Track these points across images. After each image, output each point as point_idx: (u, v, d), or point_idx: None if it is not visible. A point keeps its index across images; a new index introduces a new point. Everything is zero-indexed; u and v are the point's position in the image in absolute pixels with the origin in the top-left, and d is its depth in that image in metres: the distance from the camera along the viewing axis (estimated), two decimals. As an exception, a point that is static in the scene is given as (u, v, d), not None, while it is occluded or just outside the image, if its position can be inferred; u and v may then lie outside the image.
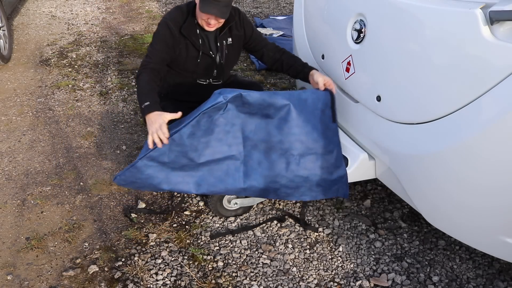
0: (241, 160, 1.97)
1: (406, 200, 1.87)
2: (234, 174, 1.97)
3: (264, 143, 1.97)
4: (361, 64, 1.94)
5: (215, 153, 1.93)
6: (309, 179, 1.97)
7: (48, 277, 1.91)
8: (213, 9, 2.01)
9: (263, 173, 1.97)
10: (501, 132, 1.39)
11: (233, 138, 1.95)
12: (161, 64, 2.16)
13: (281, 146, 1.95)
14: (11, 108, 3.24)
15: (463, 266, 1.99)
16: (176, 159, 1.90)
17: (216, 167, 1.95)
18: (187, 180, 1.95)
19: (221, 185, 1.96)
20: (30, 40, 4.49)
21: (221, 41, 2.23)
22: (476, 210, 1.58)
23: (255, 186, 1.98)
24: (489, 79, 1.41)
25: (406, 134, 1.73)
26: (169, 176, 1.93)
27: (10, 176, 2.52)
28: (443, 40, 1.54)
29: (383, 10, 1.78)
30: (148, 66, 2.12)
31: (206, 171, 1.95)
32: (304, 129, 1.94)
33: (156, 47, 2.15)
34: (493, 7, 1.39)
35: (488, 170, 1.47)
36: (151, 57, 2.15)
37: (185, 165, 1.92)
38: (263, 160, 1.98)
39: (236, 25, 2.24)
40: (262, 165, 1.98)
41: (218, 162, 1.95)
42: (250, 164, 1.98)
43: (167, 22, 2.15)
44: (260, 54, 2.35)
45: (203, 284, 1.89)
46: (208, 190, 1.96)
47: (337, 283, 1.91)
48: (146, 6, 5.71)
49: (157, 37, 2.17)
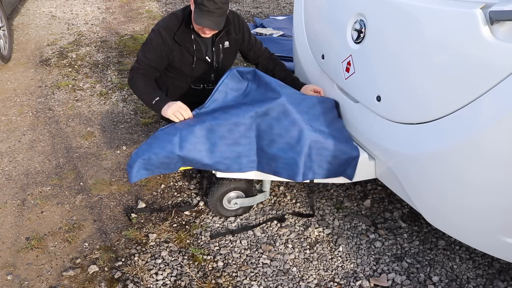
0: (253, 125, 1.95)
1: (406, 200, 1.87)
2: (246, 139, 1.95)
3: (276, 109, 1.94)
4: (361, 64, 1.94)
5: (226, 118, 1.93)
6: (321, 153, 1.93)
7: (48, 277, 1.91)
8: (207, 21, 2.00)
9: (274, 139, 1.93)
10: (501, 132, 1.39)
11: (246, 105, 1.97)
12: (152, 72, 2.17)
13: (294, 115, 1.93)
14: (11, 108, 3.24)
15: (463, 266, 1.99)
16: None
17: (228, 133, 1.93)
18: (199, 148, 1.92)
19: (234, 152, 1.95)
20: (30, 40, 4.49)
21: (218, 45, 2.23)
22: (476, 210, 1.58)
23: (265, 152, 1.96)
24: (489, 79, 1.41)
25: (406, 134, 1.73)
26: (182, 143, 1.90)
27: (10, 176, 2.52)
28: (443, 40, 1.54)
29: (383, 10, 1.78)
30: (139, 71, 2.13)
31: (218, 138, 1.92)
32: (317, 109, 2.01)
33: (148, 56, 2.15)
34: (493, 7, 1.39)
35: (488, 170, 1.47)
36: (140, 64, 2.15)
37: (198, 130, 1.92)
38: (274, 125, 1.93)
39: (234, 28, 2.24)
40: (273, 130, 1.93)
41: (229, 127, 1.92)
42: (262, 129, 1.94)
43: (160, 30, 2.14)
44: (256, 62, 2.44)
45: (203, 284, 1.89)
46: (221, 156, 1.93)
47: (337, 283, 1.91)
48: (146, 6, 5.71)
49: (149, 45, 2.16)
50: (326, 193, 2.44)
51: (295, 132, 1.91)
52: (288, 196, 2.41)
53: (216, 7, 1.98)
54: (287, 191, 2.45)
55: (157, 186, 2.47)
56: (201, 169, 2.01)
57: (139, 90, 2.10)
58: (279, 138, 1.92)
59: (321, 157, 1.94)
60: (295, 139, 1.91)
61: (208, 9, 1.97)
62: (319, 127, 1.95)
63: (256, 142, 1.96)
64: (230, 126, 1.91)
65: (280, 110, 1.92)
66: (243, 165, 1.98)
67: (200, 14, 1.99)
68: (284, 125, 1.92)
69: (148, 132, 2.99)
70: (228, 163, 1.95)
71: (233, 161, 1.96)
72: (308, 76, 2.49)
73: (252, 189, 2.21)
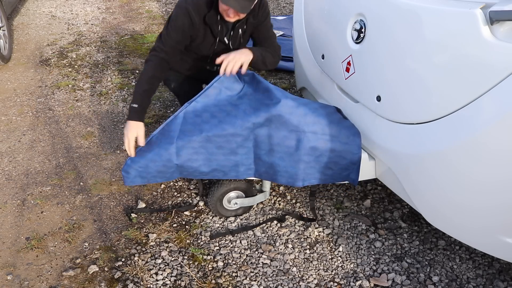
0: (250, 136, 1.92)
1: (406, 200, 1.87)
2: (243, 149, 1.93)
3: (274, 119, 1.91)
4: (361, 64, 1.94)
5: (223, 129, 1.90)
6: (320, 160, 1.92)
7: (48, 277, 1.91)
8: (234, 1, 1.94)
9: (272, 149, 1.92)
10: (501, 132, 1.39)
11: (243, 113, 1.93)
12: (173, 53, 2.12)
13: (292, 122, 1.90)
14: (11, 108, 3.24)
15: (463, 266, 1.99)
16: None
17: (225, 143, 1.91)
18: (196, 157, 1.91)
19: (231, 161, 1.94)
20: (30, 40, 4.49)
21: (237, 30, 2.20)
22: (476, 210, 1.58)
23: (263, 161, 1.95)
24: (489, 79, 1.41)
25: (406, 134, 1.73)
26: (179, 152, 1.89)
27: (10, 176, 2.52)
28: (443, 40, 1.54)
29: (383, 10, 1.78)
30: (159, 54, 2.08)
31: (215, 148, 1.91)
32: (318, 113, 1.95)
33: (172, 35, 2.09)
34: (493, 7, 1.39)
35: (488, 170, 1.47)
36: (164, 44, 2.09)
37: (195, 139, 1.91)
38: (273, 134, 1.91)
39: (253, 13, 2.18)
40: (271, 140, 1.91)
41: (226, 139, 1.90)
42: (259, 139, 1.92)
43: (189, 10, 2.07)
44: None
45: (203, 284, 1.89)
46: (219, 165, 1.93)
47: (337, 283, 1.91)
48: (146, 6, 5.71)
49: (175, 24, 2.09)
50: (326, 193, 2.44)
51: (293, 140, 1.89)
52: (288, 196, 2.41)
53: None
54: (287, 191, 2.45)
55: (157, 186, 2.47)
56: (198, 178, 2.01)
57: (141, 76, 2.05)
58: (277, 147, 1.91)
59: (320, 164, 1.94)
60: (293, 147, 1.90)
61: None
62: (319, 132, 1.91)
63: (254, 152, 1.95)
64: (227, 137, 1.89)
65: (278, 120, 1.89)
66: (240, 173, 1.99)
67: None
68: (282, 134, 1.90)
69: (148, 132, 2.99)
70: (225, 171, 1.96)
71: (231, 169, 1.96)
72: (308, 76, 2.49)
73: (252, 189, 2.21)
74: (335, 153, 1.92)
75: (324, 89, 2.30)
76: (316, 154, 1.91)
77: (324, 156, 1.92)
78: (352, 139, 1.93)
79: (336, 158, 1.93)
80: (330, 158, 1.92)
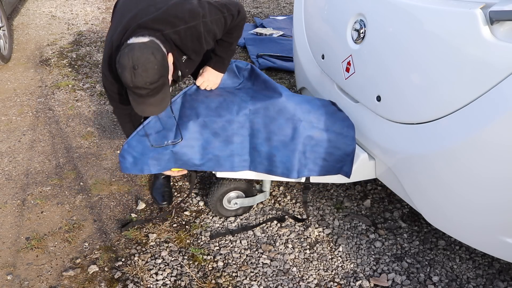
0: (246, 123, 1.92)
1: (406, 200, 1.87)
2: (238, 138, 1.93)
3: (271, 107, 1.91)
4: (361, 64, 1.94)
5: (220, 114, 1.91)
6: (315, 149, 1.93)
7: (48, 277, 1.91)
8: (147, 107, 1.65)
9: (268, 137, 1.91)
10: (501, 132, 1.39)
11: (240, 100, 1.95)
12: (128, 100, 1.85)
13: (289, 111, 1.91)
14: (11, 108, 3.24)
15: (463, 266, 2.00)
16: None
17: (221, 130, 1.90)
18: (192, 144, 1.89)
19: (227, 150, 1.92)
20: (30, 40, 4.49)
21: (184, 68, 1.95)
22: (476, 210, 1.58)
23: (259, 151, 1.94)
24: (489, 79, 1.41)
25: (406, 134, 1.73)
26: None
27: (10, 176, 2.52)
28: (443, 40, 1.54)
29: (383, 10, 1.78)
30: (124, 112, 2.00)
31: (211, 134, 1.90)
32: (314, 103, 1.98)
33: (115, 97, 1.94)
34: (493, 7, 1.39)
35: (488, 170, 1.47)
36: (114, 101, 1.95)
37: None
38: (269, 123, 1.91)
39: (188, 53, 1.88)
40: (268, 128, 1.91)
41: (222, 125, 1.90)
42: (256, 127, 1.92)
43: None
44: None
45: (203, 284, 1.89)
46: (213, 154, 1.91)
47: (337, 283, 1.91)
48: (146, 6, 5.70)
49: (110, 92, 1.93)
50: (326, 193, 2.44)
51: (289, 129, 1.90)
52: (288, 196, 2.41)
53: (146, 91, 1.59)
54: (287, 191, 2.45)
55: (157, 186, 2.47)
56: (192, 169, 1.97)
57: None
58: (273, 136, 1.91)
59: (315, 154, 1.94)
60: (289, 136, 1.90)
61: (141, 94, 1.61)
62: (314, 122, 1.93)
63: (249, 141, 1.94)
64: (223, 123, 1.89)
65: (275, 109, 1.91)
66: (235, 164, 1.97)
67: (135, 103, 1.66)
68: (278, 123, 1.91)
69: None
70: (220, 161, 1.94)
71: (225, 160, 1.94)
72: (308, 76, 2.49)
73: (252, 189, 2.21)
74: (330, 143, 1.93)
75: (324, 89, 2.30)
76: (312, 144, 1.92)
77: (319, 146, 1.93)
78: (347, 130, 1.94)
79: (331, 149, 1.93)
80: (325, 148, 1.93)
